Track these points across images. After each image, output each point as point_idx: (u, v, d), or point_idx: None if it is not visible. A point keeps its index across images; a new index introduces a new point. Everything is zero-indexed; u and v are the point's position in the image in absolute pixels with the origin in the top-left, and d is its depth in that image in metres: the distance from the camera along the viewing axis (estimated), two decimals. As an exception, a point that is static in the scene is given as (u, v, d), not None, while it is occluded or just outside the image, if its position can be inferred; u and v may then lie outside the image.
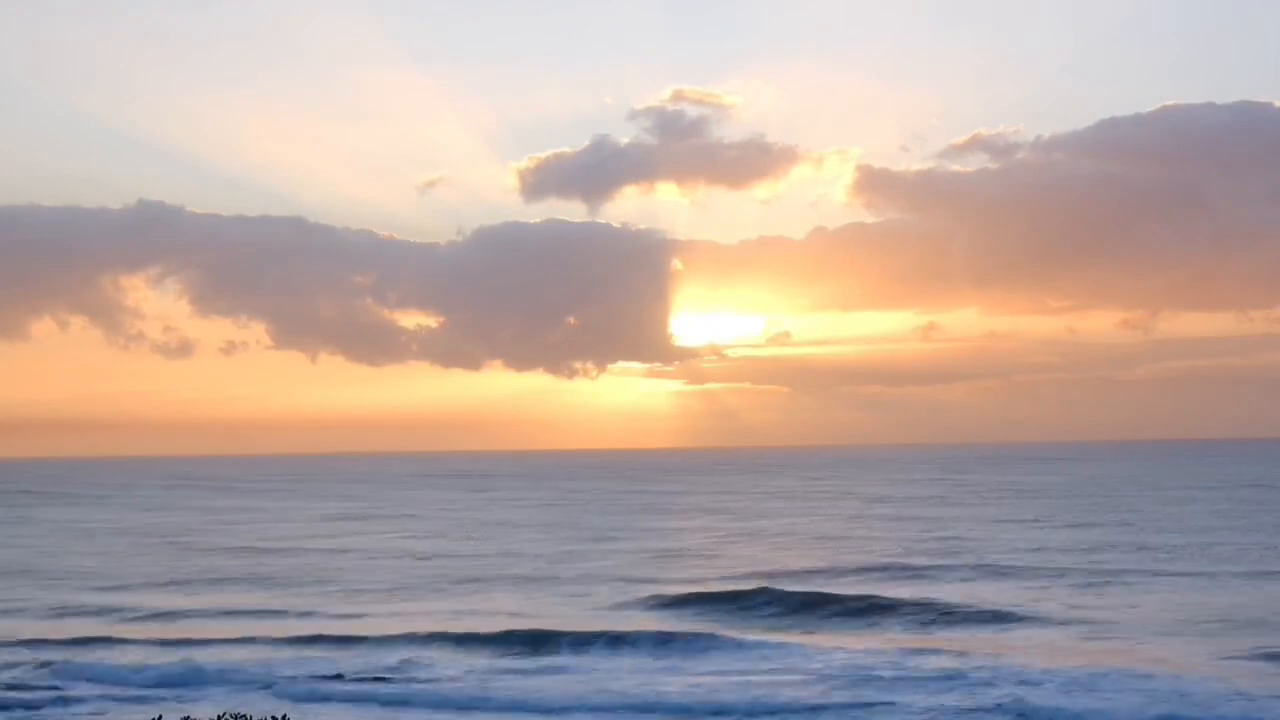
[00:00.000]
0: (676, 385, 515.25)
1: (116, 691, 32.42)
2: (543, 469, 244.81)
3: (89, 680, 33.62)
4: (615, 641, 37.08)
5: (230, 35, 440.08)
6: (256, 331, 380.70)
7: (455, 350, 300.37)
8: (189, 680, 33.44)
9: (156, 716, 27.24)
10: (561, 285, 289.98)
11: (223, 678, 33.51)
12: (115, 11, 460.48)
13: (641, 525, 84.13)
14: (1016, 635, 38.10)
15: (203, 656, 36.09)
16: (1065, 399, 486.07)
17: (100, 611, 46.11)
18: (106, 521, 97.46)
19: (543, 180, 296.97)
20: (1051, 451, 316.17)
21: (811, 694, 30.09)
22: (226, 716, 22.54)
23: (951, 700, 29.29)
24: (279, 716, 25.94)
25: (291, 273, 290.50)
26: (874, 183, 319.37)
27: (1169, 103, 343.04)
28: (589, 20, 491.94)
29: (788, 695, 30.04)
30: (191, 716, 26.81)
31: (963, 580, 50.45)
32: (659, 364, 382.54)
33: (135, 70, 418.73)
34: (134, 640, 39.26)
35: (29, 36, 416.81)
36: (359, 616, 44.09)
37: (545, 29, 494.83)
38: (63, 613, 46.00)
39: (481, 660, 35.73)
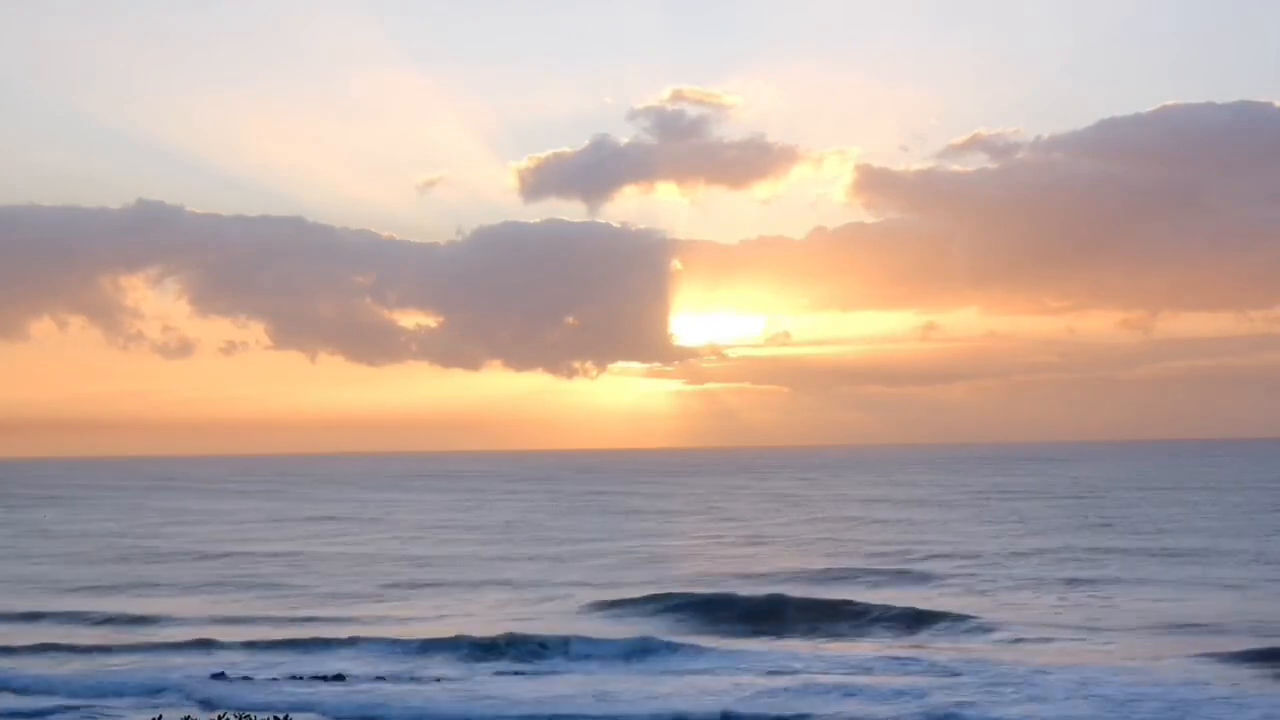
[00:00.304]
0: (676, 385, 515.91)
1: (60, 702, 31.55)
2: (538, 470, 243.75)
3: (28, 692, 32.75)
4: (571, 647, 36.72)
5: (230, 35, 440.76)
6: (256, 331, 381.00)
7: (455, 350, 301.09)
8: (146, 689, 32.73)
9: (157, 717, 27.40)
10: (561, 285, 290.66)
11: (186, 685, 32.99)
12: (115, 12, 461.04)
13: (622, 527, 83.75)
14: (997, 639, 37.70)
15: (167, 663, 35.77)
16: (1065, 399, 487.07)
17: (54, 617, 45.56)
18: (78, 524, 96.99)
19: (542, 180, 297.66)
20: (1051, 452, 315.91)
21: (771, 702, 29.62)
22: (228, 716, 22.74)
23: (934, 701, 29.09)
24: (280, 717, 26.11)
25: (291, 273, 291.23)
26: (874, 183, 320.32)
27: (1169, 103, 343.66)
28: (589, 20, 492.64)
29: (751, 703, 29.53)
30: (192, 717, 26.98)
31: (944, 582, 50.24)
32: (659, 364, 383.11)
33: (135, 70, 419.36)
34: (88, 647, 38.66)
35: (29, 36, 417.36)
36: (313, 620, 43.66)
37: (545, 29, 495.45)
38: (21, 618, 45.44)
39: (449, 668, 35.14)
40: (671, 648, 36.60)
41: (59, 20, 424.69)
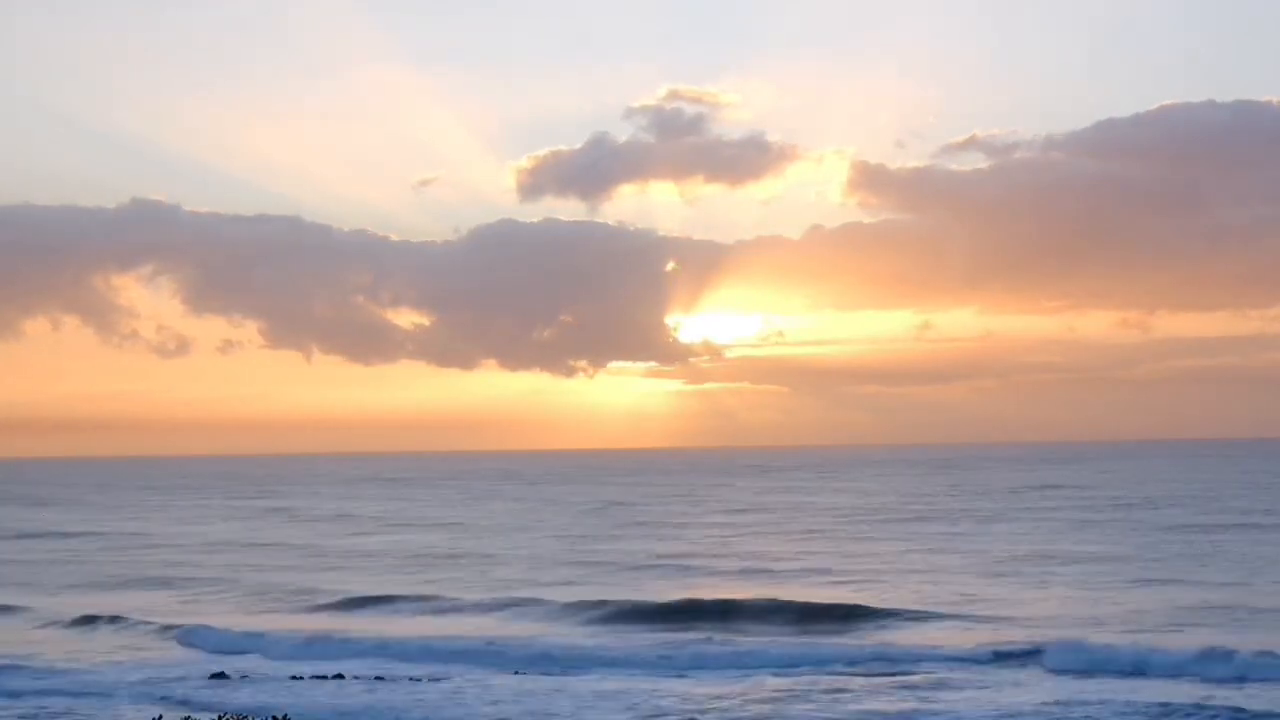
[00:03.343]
0: (675, 385, 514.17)
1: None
2: (530, 470, 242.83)
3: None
4: None
5: (227, 33, 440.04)
6: (250, 330, 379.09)
7: (451, 350, 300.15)
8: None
9: (157, 716, 27.02)
10: (558, 284, 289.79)
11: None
12: (110, 10, 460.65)
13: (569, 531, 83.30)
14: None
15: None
16: (1064, 399, 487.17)
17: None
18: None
19: (540, 179, 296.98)
20: (1049, 452, 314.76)
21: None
22: (228, 717, 22.38)
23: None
24: (279, 717, 25.82)
25: (287, 271, 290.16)
26: (870, 180, 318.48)
27: (1169, 103, 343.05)
28: (586, 19, 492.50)
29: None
30: (191, 716, 26.64)
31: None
32: (656, 363, 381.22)
33: (130, 69, 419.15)
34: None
35: (24, 34, 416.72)
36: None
37: (542, 28, 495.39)
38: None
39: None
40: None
41: (55, 18, 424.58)
